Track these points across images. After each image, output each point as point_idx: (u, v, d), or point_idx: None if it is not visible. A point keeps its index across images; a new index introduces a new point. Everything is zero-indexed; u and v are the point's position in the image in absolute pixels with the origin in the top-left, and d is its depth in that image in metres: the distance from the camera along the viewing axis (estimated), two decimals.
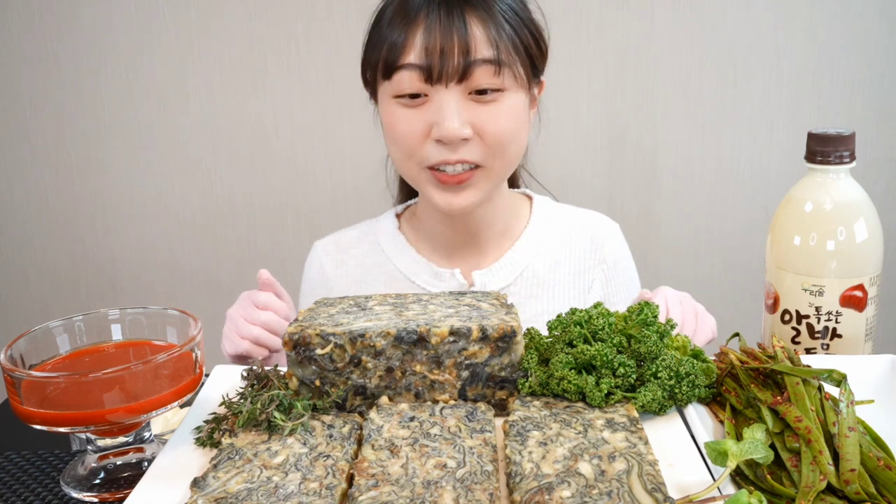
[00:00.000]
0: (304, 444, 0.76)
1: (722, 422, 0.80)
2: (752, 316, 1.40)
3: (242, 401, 0.82)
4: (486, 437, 0.76)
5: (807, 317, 0.97)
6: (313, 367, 0.82)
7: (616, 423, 0.77)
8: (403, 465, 0.71)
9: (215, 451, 0.78)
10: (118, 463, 0.85)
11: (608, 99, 2.18)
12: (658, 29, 2.11)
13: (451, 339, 0.81)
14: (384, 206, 1.36)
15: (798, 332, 0.98)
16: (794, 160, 1.92)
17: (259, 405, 0.79)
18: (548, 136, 1.40)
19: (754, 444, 0.70)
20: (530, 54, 1.12)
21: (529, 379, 0.83)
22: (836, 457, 0.69)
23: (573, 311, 0.87)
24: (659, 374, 0.81)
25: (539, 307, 1.23)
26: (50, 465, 0.89)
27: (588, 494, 0.66)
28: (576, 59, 2.14)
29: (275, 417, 0.78)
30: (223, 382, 0.92)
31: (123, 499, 0.75)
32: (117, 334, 0.91)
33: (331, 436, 0.78)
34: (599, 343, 0.83)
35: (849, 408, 0.73)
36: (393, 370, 0.82)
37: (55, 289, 2.44)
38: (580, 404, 0.81)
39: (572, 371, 0.81)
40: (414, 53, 1.06)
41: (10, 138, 2.32)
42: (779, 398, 0.75)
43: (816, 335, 0.97)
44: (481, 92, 1.07)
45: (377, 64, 1.10)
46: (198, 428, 0.83)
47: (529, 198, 1.32)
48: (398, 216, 1.31)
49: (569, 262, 1.26)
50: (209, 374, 0.94)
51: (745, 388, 0.80)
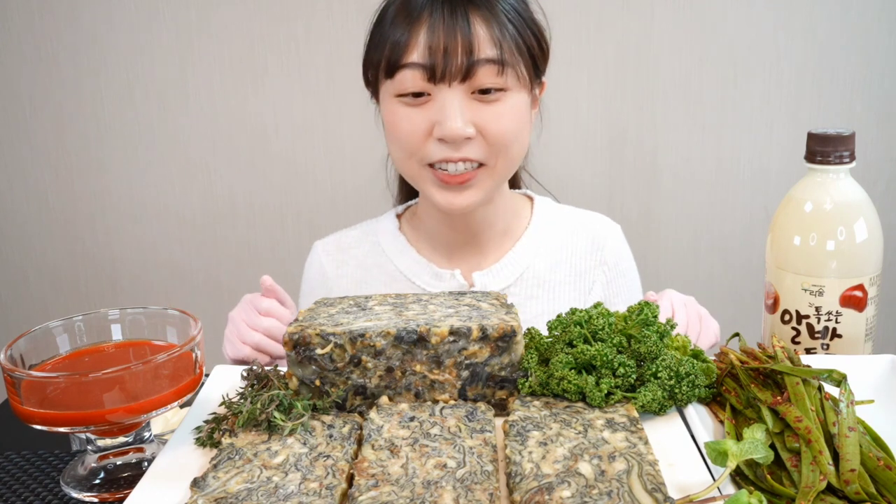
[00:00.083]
0: (304, 444, 0.76)
1: (722, 422, 0.80)
2: (752, 316, 1.40)
3: (242, 401, 0.82)
4: (486, 437, 0.76)
5: (807, 317, 0.97)
6: (313, 367, 0.82)
7: (616, 423, 0.77)
8: (403, 465, 0.71)
9: (215, 451, 0.78)
10: (118, 463, 0.85)
11: (608, 99, 2.18)
12: (658, 29, 2.11)
13: (451, 338, 0.81)
14: (384, 206, 1.36)
15: (798, 332, 0.98)
16: (794, 160, 1.92)
17: (259, 405, 0.79)
18: (548, 136, 1.40)
19: (754, 444, 0.70)
20: (532, 54, 1.12)
21: (529, 379, 0.83)
22: (836, 457, 0.69)
23: (573, 311, 0.87)
24: (659, 374, 0.81)
25: (539, 308, 1.23)
26: (50, 465, 0.89)
27: (588, 494, 0.65)
28: (576, 59, 2.14)
29: (275, 417, 0.78)
30: (223, 382, 0.92)
31: (123, 499, 0.75)
32: (117, 334, 0.91)
33: (331, 436, 0.78)
34: (599, 343, 0.83)
35: (849, 408, 0.73)
36: (393, 370, 0.82)
37: (55, 289, 2.44)
38: (580, 404, 0.81)
39: (572, 371, 0.81)
40: (417, 52, 1.06)
41: (10, 138, 2.32)
42: (779, 398, 0.75)
43: (816, 335, 0.97)
44: (484, 91, 1.07)
45: (380, 63, 1.10)
46: (198, 428, 0.83)
47: (530, 199, 1.31)
48: (399, 216, 1.31)
49: (569, 263, 1.26)
50: (209, 374, 0.94)
51: (745, 388, 0.80)
